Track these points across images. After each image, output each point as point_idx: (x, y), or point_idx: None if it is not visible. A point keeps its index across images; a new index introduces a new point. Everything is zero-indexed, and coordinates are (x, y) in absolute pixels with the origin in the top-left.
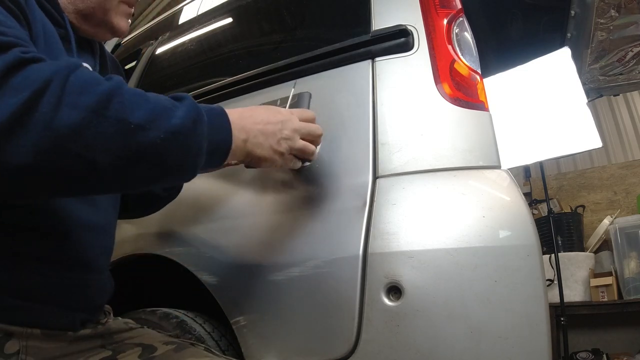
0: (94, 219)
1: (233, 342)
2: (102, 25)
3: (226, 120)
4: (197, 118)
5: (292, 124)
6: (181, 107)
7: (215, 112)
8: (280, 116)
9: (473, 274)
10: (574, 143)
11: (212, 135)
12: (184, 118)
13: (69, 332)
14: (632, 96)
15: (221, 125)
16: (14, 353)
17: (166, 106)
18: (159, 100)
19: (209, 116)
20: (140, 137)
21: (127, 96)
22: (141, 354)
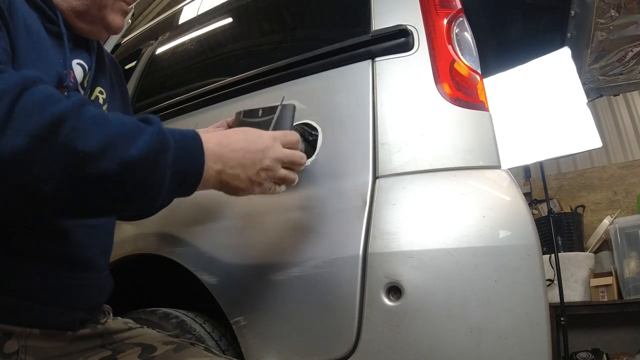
0: (98, 219)
1: (233, 342)
2: (98, 22)
3: (199, 148)
4: (160, 148)
5: (274, 152)
6: (143, 135)
7: (187, 140)
8: (261, 144)
9: (473, 274)
10: (574, 143)
11: (179, 165)
12: (143, 148)
13: (68, 332)
14: (632, 96)
15: (192, 154)
16: (13, 352)
17: (126, 133)
18: (120, 126)
19: (178, 144)
20: (90, 167)
21: (83, 120)
22: (141, 353)
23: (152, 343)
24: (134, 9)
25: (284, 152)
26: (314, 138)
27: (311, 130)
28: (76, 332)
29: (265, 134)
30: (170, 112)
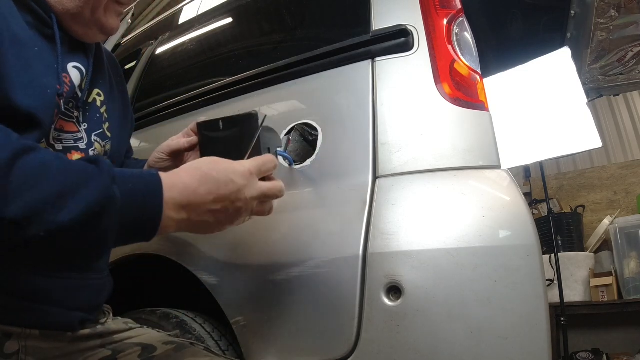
0: None
1: (233, 342)
2: (92, 24)
3: (156, 200)
4: (100, 209)
5: (250, 191)
6: (80, 194)
7: (141, 192)
8: (234, 185)
9: (473, 274)
10: (574, 143)
11: (127, 222)
12: (78, 212)
13: (68, 333)
14: (632, 96)
15: (146, 209)
16: (13, 353)
17: (59, 194)
18: (54, 185)
19: (128, 199)
20: (16, 234)
21: (13, 179)
22: (141, 353)
23: (152, 343)
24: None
25: (261, 189)
26: (314, 138)
27: (311, 130)
28: (76, 332)
29: (239, 169)
30: (170, 112)
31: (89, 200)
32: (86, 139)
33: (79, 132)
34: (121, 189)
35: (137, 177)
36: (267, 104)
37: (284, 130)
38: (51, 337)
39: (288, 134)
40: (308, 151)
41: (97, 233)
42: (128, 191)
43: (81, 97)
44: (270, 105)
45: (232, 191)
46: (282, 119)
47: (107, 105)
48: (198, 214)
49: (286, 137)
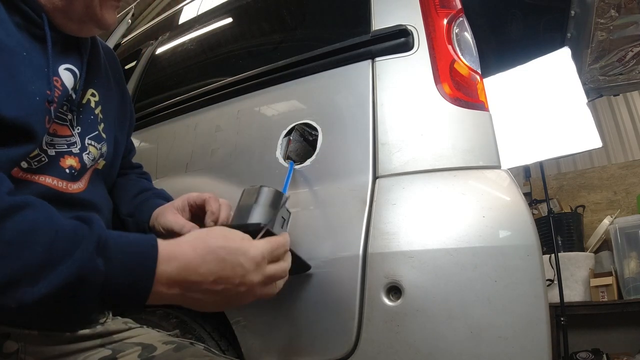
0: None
1: (233, 342)
2: (87, 19)
3: (148, 273)
4: (81, 282)
5: (256, 276)
6: (65, 263)
7: (135, 262)
8: (241, 269)
9: (473, 274)
10: (574, 143)
11: (109, 295)
12: (55, 284)
13: (67, 333)
14: (632, 96)
15: (136, 280)
16: (13, 352)
17: (43, 265)
18: (38, 254)
19: (115, 270)
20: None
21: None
22: (141, 353)
23: (152, 343)
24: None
25: (267, 274)
26: (314, 138)
27: (311, 130)
28: (75, 332)
29: (252, 252)
30: (170, 112)
31: (70, 273)
32: (79, 143)
33: (72, 136)
34: (110, 258)
35: (133, 244)
36: (267, 104)
37: (284, 131)
38: (50, 337)
39: (288, 134)
40: (308, 151)
41: (75, 304)
42: (117, 262)
43: (75, 99)
44: (270, 105)
45: (237, 275)
46: (282, 119)
47: (102, 106)
48: (193, 292)
49: (286, 138)
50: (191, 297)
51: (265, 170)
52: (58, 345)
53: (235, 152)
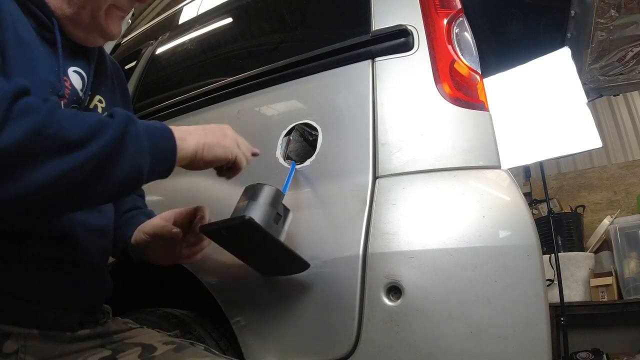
0: (97, 221)
1: (233, 342)
2: (92, 29)
3: (163, 125)
4: (128, 124)
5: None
6: (113, 120)
7: (152, 122)
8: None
9: (473, 274)
10: (574, 143)
11: (151, 136)
12: (116, 129)
13: (67, 333)
14: (632, 96)
15: (158, 129)
16: (12, 352)
17: (101, 121)
18: (93, 118)
19: (143, 124)
20: (80, 153)
21: (64, 117)
22: (141, 353)
23: (152, 343)
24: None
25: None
26: (314, 138)
27: (311, 130)
28: (75, 332)
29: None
30: (170, 112)
31: (119, 121)
32: None
33: None
34: (140, 123)
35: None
36: (267, 104)
37: (284, 130)
38: (50, 337)
39: (288, 134)
40: (308, 151)
41: (134, 141)
42: (141, 122)
43: (83, 101)
44: (270, 105)
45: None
46: (282, 119)
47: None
48: (195, 130)
49: (286, 138)
50: (203, 140)
51: (265, 171)
52: (58, 344)
53: None
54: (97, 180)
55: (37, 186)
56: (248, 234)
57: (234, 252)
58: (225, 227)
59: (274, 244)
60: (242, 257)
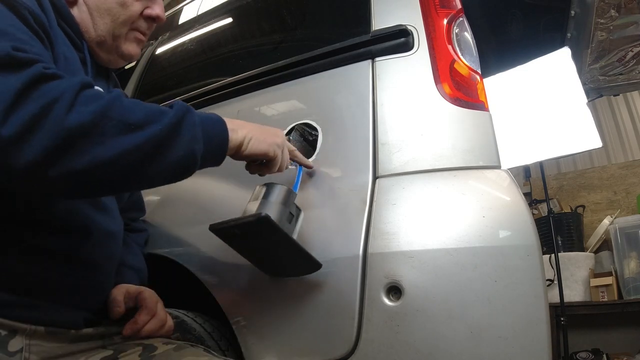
0: (109, 225)
1: (233, 342)
2: (113, 51)
3: (216, 115)
4: (185, 113)
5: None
6: (171, 110)
7: (206, 113)
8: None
9: (473, 274)
10: (574, 143)
11: (205, 125)
12: (173, 116)
13: (72, 331)
14: (632, 96)
15: (212, 119)
16: (17, 351)
17: (160, 109)
18: (153, 106)
19: (199, 115)
20: (139, 133)
21: (126, 103)
22: (142, 353)
23: (153, 343)
24: None
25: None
26: (314, 138)
27: (311, 130)
28: (79, 330)
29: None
30: None
31: (176, 109)
32: None
33: None
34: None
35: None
36: (267, 104)
37: (284, 131)
38: (55, 334)
39: (288, 134)
40: (308, 151)
41: (189, 129)
42: (197, 112)
43: None
44: (270, 105)
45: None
46: (282, 119)
47: None
48: (245, 124)
49: (286, 138)
50: (251, 134)
51: None
52: (62, 343)
53: None
54: (153, 160)
55: (100, 161)
56: (262, 232)
57: (243, 252)
58: (239, 225)
59: (288, 243)
60: (251, 257)
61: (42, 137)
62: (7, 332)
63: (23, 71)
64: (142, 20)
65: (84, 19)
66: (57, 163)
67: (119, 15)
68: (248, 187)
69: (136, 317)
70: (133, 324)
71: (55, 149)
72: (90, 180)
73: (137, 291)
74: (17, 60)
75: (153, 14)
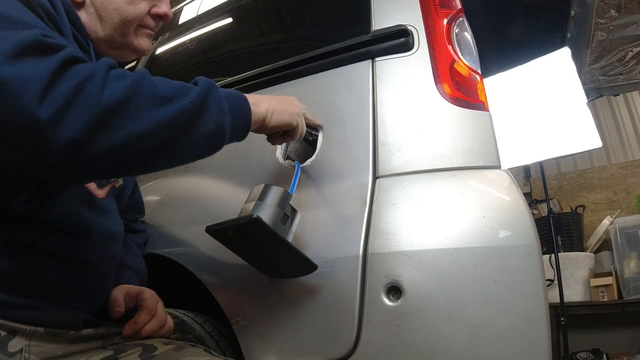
0: (110, 227)
1: (233, 342)
2: (124, 47)
3: (237, 91)
4: (211, 86)
5: (297, 108)
6: (197, 85)
7: (228, 90)
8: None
9: (473, 274)
10: (574, 143)
11: (230, 100)
12: (200, 89)
13: (71, 332)
14: (632, 96)
15: (234, 93)
16: (17, 351)
17: (184, 84)
18: (180, 83)
19: (223, 90)
20: (171, 106)
21: (154, 79)
22: (141, 353)
23: (153, 343)
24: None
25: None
26: (314, 138)
27: (311, 130)
28: (79, 331)
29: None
30: None
31: (202, 84)
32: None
33: None
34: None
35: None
36: None
37: None
38: (55, 335)
39: None
40: (308, 151)
41: (216, 102)
42: (223, 91)
43: None
44: None
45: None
46: None
47: None
48: (264, 98)
49: None
50: (271, 103)
51: (265, 171)
52: (62, 344)
53: (235, 152)
54: (187, 132)
55: (137, 134)
56: (255, 234)
57: (240, 253)
58: (232, 227)
59: (282, 245)
60: (248, 258)
61: (79, 114)
62: (6, 332)
63: (54, 55)
64: (149, 18)
65: (91, 20)
66: (96, 139)
67: (128, 13)
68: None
69: (136, 317)
70: (133, 324)
71: (94, 125)
72: (128, 156)
73: (138, 291)
74: (47, 45)
75: (160, 12)
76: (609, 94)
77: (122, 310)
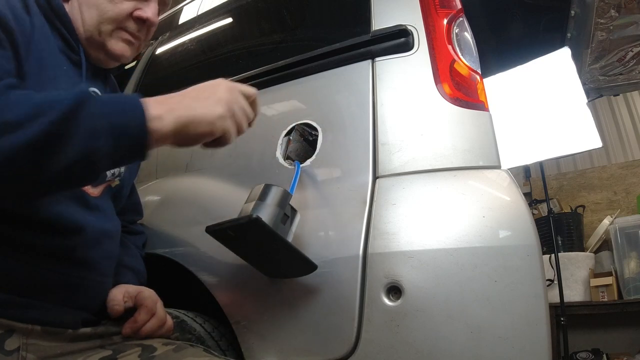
0: (104, 224)
1: (233, 342)
2: (100, 48)
3: (135, 99)
4: (83, 101)
5: (227, 94)
6: (67, 98)
7: (122, 96)
8: (214, 84)
9: (473, 274)
10: (574, 143)
11: (114, 116)
12: (65, 107)
13: (69, 330)
14: (632, 96)
15: (124, 104)
16: (14, 350)
17: (52, 100)
18: (46, 97)
19: (109, 100)
20: (20, 134)
21: (14, 98)
22: (141, 353)
23: (152, 343)
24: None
25: (237, 99)
26: (314, 138)
27: (311, 130)
28: (77, 330)
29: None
30: None
31: (71, 99)
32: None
33: None
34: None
35: (111, 96)
36: (267, 104)
37: (284, 131)
38: (52, 334)
39: (288, 134)
40: (308, 151)
41: (85, 123)
42: (109, 96)
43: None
44: (270, 105)
45: (211, 84)
46: (282, 119)
47: None
48: (178, 101)
49: (286, 138)
50: (185, 105)
51: (265, 171)
52: (60, 343)
53: (235, 152)
54: (39, 165)
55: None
56: (255, 234)
57: (240, 253)
58: (232, 227)
59: (282, 245)
60: (248, 258)
61: None
62: (3, 331)
63: None
64: (130, 21)
65: (74, 15)
66: None
67: (107, 10)
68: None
69: (135, 317)
70: (132, 323)
71: None
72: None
73: (137, 291)
74: None
75: (143, 16)
76: (609, 94)
77: (121, 309)
